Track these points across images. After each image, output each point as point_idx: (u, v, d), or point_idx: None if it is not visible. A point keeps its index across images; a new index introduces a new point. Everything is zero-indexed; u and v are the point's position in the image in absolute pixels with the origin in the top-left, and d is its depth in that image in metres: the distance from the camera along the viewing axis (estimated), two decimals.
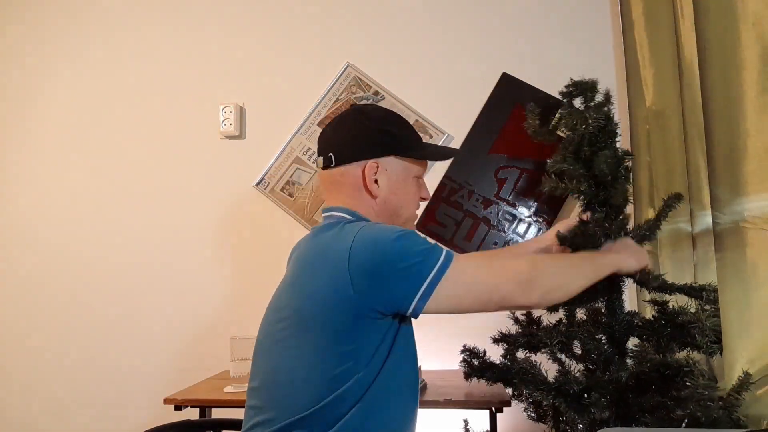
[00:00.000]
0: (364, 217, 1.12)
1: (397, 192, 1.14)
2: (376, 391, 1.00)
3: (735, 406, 1.08)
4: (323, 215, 1.16)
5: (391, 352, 1.02)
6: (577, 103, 1.49)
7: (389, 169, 1.13)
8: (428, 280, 0.97)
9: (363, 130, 1.14)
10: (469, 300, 1.01)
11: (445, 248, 1.02)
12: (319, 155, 1.17)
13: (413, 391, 1.10)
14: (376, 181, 1.12)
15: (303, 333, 1.01)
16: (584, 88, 1.45)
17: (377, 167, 1.11)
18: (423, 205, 1.62)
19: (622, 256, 1.21)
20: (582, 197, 1.38)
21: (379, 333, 1.00)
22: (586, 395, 1.22)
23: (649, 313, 1.40)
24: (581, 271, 1.13)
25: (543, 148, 2.04)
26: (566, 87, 1.50)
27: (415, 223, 1.21)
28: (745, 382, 1.07)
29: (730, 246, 1.37)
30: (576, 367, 1.35)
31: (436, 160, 1.26)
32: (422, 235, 1.03)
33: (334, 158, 1.13)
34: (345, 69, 2.21)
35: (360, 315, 0.97)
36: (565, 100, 1.52)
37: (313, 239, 1.10)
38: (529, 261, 1.08)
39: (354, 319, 0.97)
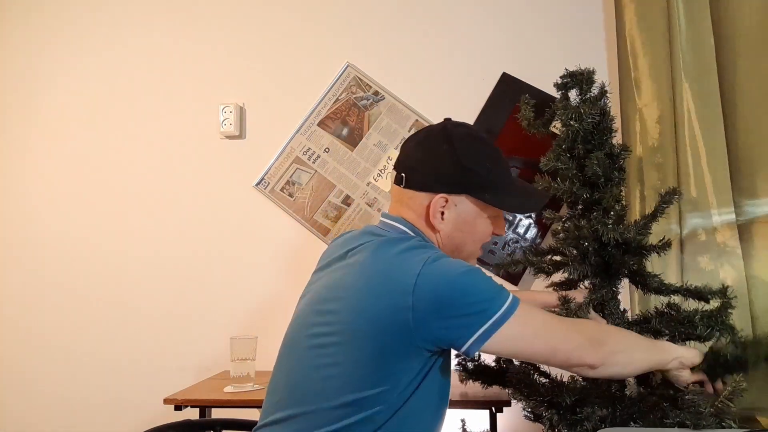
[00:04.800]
0: (426, 237, 1.08)
1: (463, 229, 1.08)
2: (400, 419, 0.98)
3: (726, 413, 1.07)
4: (381, 218, 1.13)
5: (423, 383, 1.00)
6: (573, 96, 1.47)
7: (459, 206, 1.07)
8: (491, 321, 0.94)
9: (442, 161, 1.06)
10: (533, 349, 0.99)
11: (511, 293, 0.98)
12: (394, 168, 1.12)
13: (438, 423, 1.08)
14: (442, 214, 1.06)
15: (346, 346, 0.97)
16: (580, 79, 1.41)
17: (446, 202, 1.06)
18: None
19: (687, 350, 1.14)
20: (572, 198, 1.36)
21: (419, 363, 0.98)
22: (578, 409, 1.22)
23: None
24: (646, 347, 1.10)
25: (543, 147, 2.04)
26: (561, 78, 1.46)
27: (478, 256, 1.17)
28: (738, 389, 1.06)
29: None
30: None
31: (511, 212, 1.19)
32: (489, 275, 1.00)
33: (405, 179, 1.08)
34: (345, 69, 2.21)
35: (411, 344, 0.94)
36: (559, 93, 1.49)
37: (376, 252, 1.02)
38: (595, 322, 1.09)
39: (404, 346, 0.94)
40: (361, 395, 0.95)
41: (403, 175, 1.08)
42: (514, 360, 1.42)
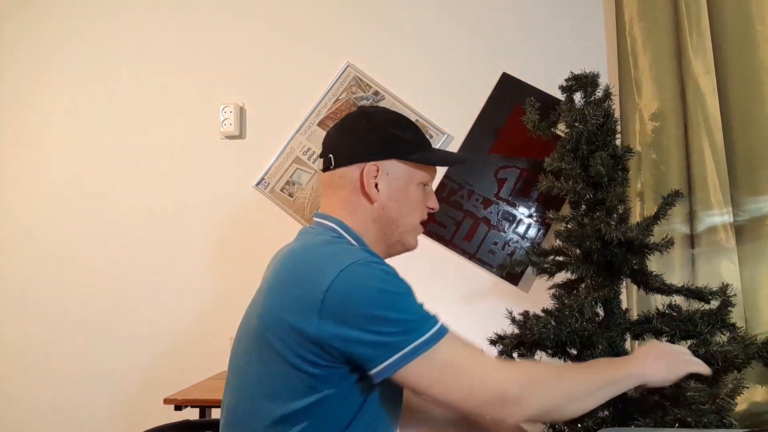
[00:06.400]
0: (357, 231, 1.05)
1: (397, 199, 1.06)
2: None
3: (727, 410, 1.08)
4: (314, 219, 1.11)
5: (361, 414, 0.95)
6: (577, 98, 1.49)
7: (391, 173, 1.05)
8: (401, 354, 0.87)
9: (364, 131, 1.07)
10: (438, 389, 0.89)
11: (439, 322, 0.91)
12: (320, 157, 1.12)
13: None
14: (376, 186, 1.04)
15: (265, 359, 0.94)
16: (584, 82, 1.44)
17: (377, 170, 1.04)
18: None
19: (650, 365, 1.02)
20: (575, 197, 1.37)
21: (338, 379, 0.92)
22: None
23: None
24: (591, 388, 0.96)
25: (543, 147, 2.05)
26: (566, 81, 1.49)
27: (419, 234, 1.12)
28: (739, 386, 1.07)
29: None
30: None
31: (440, 165, 1.16)
32: (417, 301, 0.92)
33: (333, 159, 1.07)
34: (345, 69, 2.21)
35: (320, 356, 0.90)
36: (564, 95, 1.51)
37: (292, 255, 1.01)
38: (526, 374, 0.93)
39: (315, 357, 0.90)
40: (285, 410, 0.91)
41: (331, 156, 1.08)
42: (515, 357, 1.42)
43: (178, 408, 1.68)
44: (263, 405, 0.93)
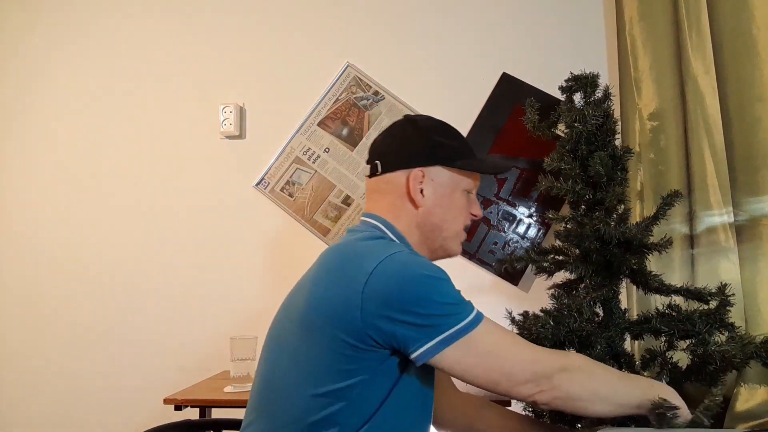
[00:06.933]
0: (401, 232, 1.09)
1: (442, 204, 1.10)
2: (373, 428, 0.95)
3: (703, 426, 1.07)
4: (361, 218, 1.14)
5: (396, 391, 0.98)
6: (577, 98, 1.49)
7: (436, 179, 1.10)
8: (442, 337, 0.91)
9: (410, 139, 1.12)
10: (477, 372, 0.94)
11: (476, 309, 0.96)
12: (367, 163, 1.16)
13: None
14: (421, 191, 1.08)
15: (304, 339, 0.97)
16: (584, 83, 1.44)
17: (423, 176, 1.09)
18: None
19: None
20: (575, 197, 1.38)
21: (378, 360, 0.95)
22: None
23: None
24: (619, 398, 0.99)
25: (543, 148, 2.05)
26: (566, 81, 1.50)
27: (462, 240, 1.15)
28: (714, 403, 1.07)
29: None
30: None
31: (485, 173, 1.20)
32: (455, 288, 0.98)
33: (380, 165, 1.11)
34: (345, 69, 2.21)
35: (361, 339, 0.93)
36: (564, 96, 1.52)
37: (339, 247, 1.06)
38: (561, 359, 0.98)
39: (355, 341, 0.93)
40: (320, 390, 0.94)
41: (378, 162, 1.12)
42: None
43: (178, 408, 1.67)
44: (299, 382, 0.96)
